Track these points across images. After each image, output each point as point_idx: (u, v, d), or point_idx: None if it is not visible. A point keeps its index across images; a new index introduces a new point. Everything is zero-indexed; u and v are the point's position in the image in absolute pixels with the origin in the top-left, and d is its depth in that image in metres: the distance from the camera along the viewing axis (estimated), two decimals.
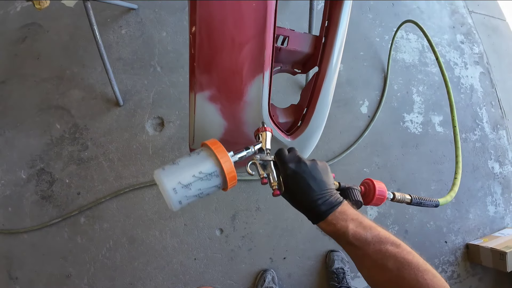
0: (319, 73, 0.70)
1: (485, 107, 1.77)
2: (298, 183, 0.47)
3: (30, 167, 1.47)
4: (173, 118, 1.37)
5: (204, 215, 1.29)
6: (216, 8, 0.54)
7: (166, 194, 0.43)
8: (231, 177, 0.46)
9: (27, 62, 1.65)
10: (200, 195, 0.46)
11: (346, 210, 0.47)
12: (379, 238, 0.45)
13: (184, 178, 0.44)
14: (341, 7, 0.66)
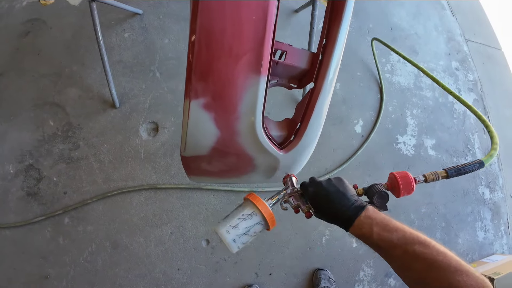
0: (314, 89, 0.69)
1: (477, 133, 1.79)
2: (320, 200, 0.55)
3: (19, 162, 1.42)
4: (168, 124, 1.35)
5: (191, 224, 1.25)
6: (217, 19, 0.54)
7: (223, 237, 0.56)
8: (269, 217, 0.57)
9: (27, 56, 1.63)
10: (248, 232, 0.57)
11: (371, 215, 0.50)
12: (405, 239, 0.46)
13: (232, 221, 0.57)
14: (339, 27, 0.66)
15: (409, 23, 1.93)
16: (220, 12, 0.54)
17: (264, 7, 0.56)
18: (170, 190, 1.27)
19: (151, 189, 1.28)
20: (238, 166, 0.77)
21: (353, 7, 0.68)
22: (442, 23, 2.09)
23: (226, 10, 0.54)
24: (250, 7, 0.55)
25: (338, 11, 0.67)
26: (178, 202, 1.27)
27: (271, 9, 0.56)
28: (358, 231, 0.50)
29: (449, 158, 1.67)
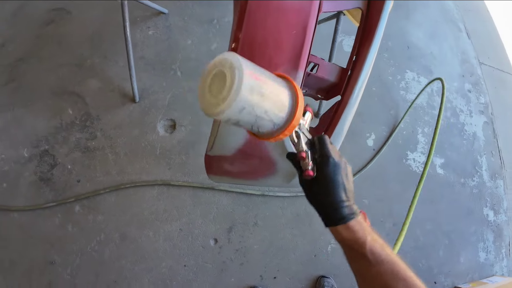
0: (341, 102, 0.73)
1: (485, 156, 1.82)
2: (333, 175, 0.44)
3: (34, 146, 1.46)
4: (186, 122, 1.39)
5: (201, 222, 1.28)
6: (261, 31, 0.58)
7: (239, 84, 0.33)
8: (292, 126, 0.40)
9: (49, 45, 1.68)
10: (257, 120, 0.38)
11: (364, 223, 0.45)
12: (392, 258, 0.44)
13: (265, 85, 0.36)
14: (370, 46, 0.70)
15: (426, 43, 1.98)
16: (264, 25, 0.58)
17: (305, 23, 0.60)
18: (182, 188, 1.31)
19: (164, 185, 1.32)
20: (259, 169, 0.81)
21: (383, 30, 0.72)
22: (457, 44, 2.14)
23: (269, 24, 0.58)
24: (291, 23, 0.59)
25: (370, 32, 0.71)
26: (189, 200, 1.30)
27: (310, 25, 0.61)
28: (352, 234, 0.44)
29: (456, 178, 1.70)
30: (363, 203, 1.44)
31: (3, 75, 1.63)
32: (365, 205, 1.44)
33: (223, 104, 0.33)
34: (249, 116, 0.36)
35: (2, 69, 1.65)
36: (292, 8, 0.57)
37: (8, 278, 1.28)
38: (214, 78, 0.36)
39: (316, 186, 0.45)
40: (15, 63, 1.66)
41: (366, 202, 1.45)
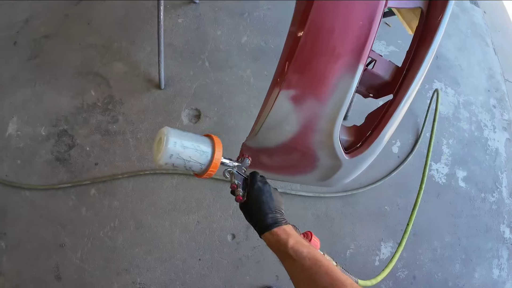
0: (393, 102, 0.71)
1: (506, 172, 1.79)
2: (258, 196, 0.60)
3: (53, 125, 1.44)
4: (211, 113, 1.37)
5: (220, 216, 1.26)
6: (328, 18, 0.56)
7: (166, 141, 0.53)
8: (214, 165, 0.58)
9: (77, 24, 1.67)
10: (186, 163, 0.56)
11: (291, 231, 0.56)
12: (314, 255, 0.51)
13: (186, 143, 0.55)
14: (429, 48, 0.68)
15: (454, 54, 1.96)
16: (332, 13, 0.56)
17: (372, 15, 0.58)
18: (203, 180, 1.28)
19: (185, 175, 1.29)
20: (299, 165, 0.78)
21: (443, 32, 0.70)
22: (484, 59, 2.12)
23: (338, 12, 0.56)
24: (360, 13, 0.57)
25: (429, 32, 0.69)
26: (209, 193, 1.28)
27: (377, 18, 0.59)
28: (275, 237, 0.55)
29: (477, 193, 1.67)
30: (385, 209, 1.41)
31: (26, 51, 1.62)
32: (386, 211, 1.41)
33: (159, 154, 0.54)
34: (179, 160, 0.55)
35: (25, 44, 1.64)
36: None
37: (13, 258, 1.25)
38: (158, 142, 0.57)
39: (247, 206, 0.61)
40: (40, 39, 1.65)
41: (387, 209, 1.42)
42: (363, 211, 1.38)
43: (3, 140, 1.43)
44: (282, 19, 1.61)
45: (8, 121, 1.47)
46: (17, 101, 1.50)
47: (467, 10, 2.30)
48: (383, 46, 1.80)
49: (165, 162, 0.55)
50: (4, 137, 1.44)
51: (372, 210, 1.38)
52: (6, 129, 1.46)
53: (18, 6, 1.81)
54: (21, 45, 1.66)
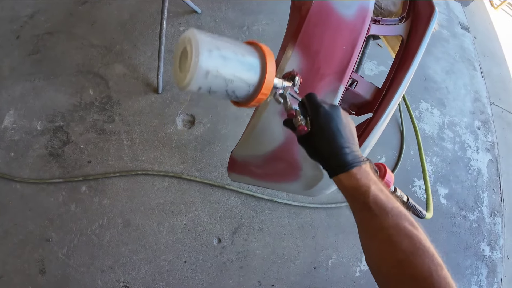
0: (372, 119, 0.77)
1: (487, 192, 1.87)
2: (328, 123, 0.45)
3: (49, 121, 1.47)
4: (205, 120, 1.43)
5: (207, 220, 1.30)
6: (315, 41, 0.62)
7: (197, 50, 0.35)
8: (267, 85, 0.42)
9: (81, 24, 1.72)
10: (228, 84, 0.39)
11: (370, 172, 0.45)
12: (399, 211, 0.42)
13: (225, 50, 0.38)
14: (407, 72, 0.76)
15: (442, 77, 2.07)
16: (321, 37, 0.62)
17: (355, 41, 0.65)
18: (193, 183, 1.33)
19: (176, 177, 1.33)
20: (284, 173, 0.84)
21: (420, 59, 0.77)
22: (471, 83, 2.23)
23: (324, 37, 0.63)
24: (343, 39, 0.64)
25: (408, 59, 0.76)
26: (198, 196, 1.32)
27: (359, 44, 0.66)
28: (354, 181, 0.43)
29: (458, 210, 1.75)
30: None
31: (28, 45, 1.66)
32: None
33: (188, 73, 0.36)
34: (218, 80, 0.38)
35: (28, 39, 1.68)
36: (348, 26, 0.62)
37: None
38: (181, 56, 0.39)
39: (313, 139, 0.46)
40: (43, 35, 1.70)
41: None
42: (346, 223, 1.43)
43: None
44: (279, 33, 1.69)
45: (5, 113, 1.50)
46: (16, 94, 1.53)
47: (458, 35, 2.43)
48: (374, 65, 1.89)
49: (198, 86, 0.38)
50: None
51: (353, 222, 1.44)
52: (2, 121, 1.48)
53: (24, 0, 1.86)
54: (24, 39, 1.70)
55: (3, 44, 1.68)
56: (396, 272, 0.40)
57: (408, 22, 0.78)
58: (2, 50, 1.66)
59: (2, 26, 1.75)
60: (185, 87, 0.38)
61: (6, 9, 1.81)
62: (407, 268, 0.39)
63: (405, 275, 0.39)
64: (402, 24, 0.78)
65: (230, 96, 0.42)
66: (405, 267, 0.39)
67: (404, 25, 0.78)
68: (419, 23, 0.77)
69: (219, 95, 0.42)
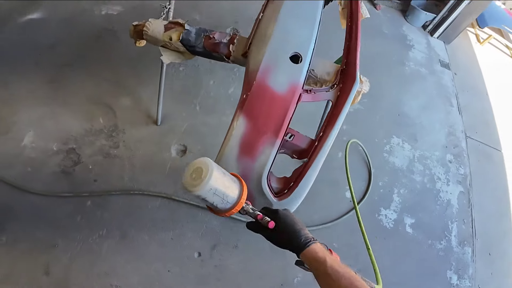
0: (307, 164, 1.04)
1: (456, 223, 2.05)
2: (287, 219, 0.66)
3: (63, 143, 1.78)
4: (195, 150, 1.73)
5: (190, 236, 1.57)
6: (258, 106, 0.92)
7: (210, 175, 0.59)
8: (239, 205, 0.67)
9: (96, 59, 2.07)
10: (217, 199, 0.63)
11: (323, 248, 0.63)
12: (350, 275, 0.56)
13: (225, 180, 0.63)
14: (332, 129, 1.03)
15: (417, 113, 2.33)
16: (261, 104, 0.92)
17: (287, 108, 0.93)
18: (182, 204, 1.61)
19: (167, 198, 1.62)
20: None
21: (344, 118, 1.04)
22: (447, 118, 2.48)
23: (264, 104, 0.92)
24: (278, 106, 0.93)
25: (335, 117, 1.04)
26: (185, 215, 1.60)
27: (290, 110, 0.94)
28: (314, 254, 0.60)
29: (424, 239, 1.92)
30: (333, 246, 1.71)
31: (48, 74, 2.00)
32: (334, 247, 1.70)
33: (199, 186, 0.60)
34: (213, 197, 0.62)
35: (48, 68, 2.02)
36: (280, 98, 0.91)
37: (9, 251, 1.48)
38: (195, 170, 0.63)
39: (278, 232, 0.67)
40: (62, 66, 2.04)
41: (335, 245, 1.72)
42: None
43: (18, 148, 1.76)
44: None
45: (25, 133, 1.81)
46: (35, 117, 1.84)
47: (436, 72, 2.71)
48: None
49: (199, 194, 0.59)
50: (19, 146, 1.76)
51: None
52: (23, 139, 1.79)
53: (46, 29, 2.21)
54: (43, 67, 2.03)
55: (25, 70, 1.99)
56: None
57: (337, 88, 1.07)
58: (23, 75, 1.98)
59: (25, 52, 2.09)
60: (191, 191, 0.60)
61: (29, 37, 2.14)
62: None
63: None
64: (332, 91, 1.06)
65: (213, 205, 0.65)
66: None
67: (333, 91, 1.06)
68: (345, 89, 1.05)
69: (208, 203, 0.65)
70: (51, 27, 2.21)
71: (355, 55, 1.09)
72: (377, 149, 2.06)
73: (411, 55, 2.73)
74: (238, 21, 2.38)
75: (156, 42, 1.20)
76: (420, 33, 3.02)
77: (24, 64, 2.00)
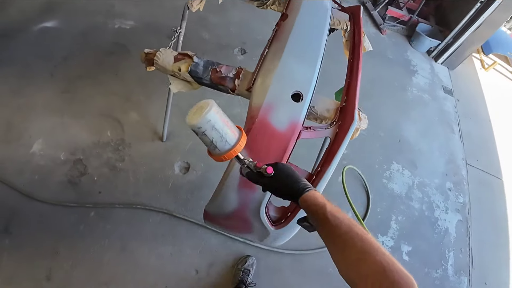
0: None
1: (453, 251, 2.10)
2: (285, 169, 0.69)
3: (71, 153, 1.89)
4: (198, 168, 1.82)
5: (189, 253, 1.65)
6: (260, 140, 1.00)
7: (210, 109, 0.64)
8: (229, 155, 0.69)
9: (107, 73, 2.19)
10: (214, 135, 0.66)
11: (322, 196, 0.62)
12: (350, 221, 0.55)
13: (224, 117, 0.68)
14: (330, 165, 1.11)
15: (417, 139, 2.41)
16: (262, 138, 1.00)
17: (286, 144, 1.02)
18: (182, 220, 1.70)
19: (168, 214, 1.71)
20: (241, 227, 1.19)
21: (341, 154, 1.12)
22: (447, 145, 2.55)
23: (265, 139, 1.01)
24: (278, 142, 1.01)
25: (332, 154, 1.12)
26: (185, 232, 1.68)
27: (290, 146, 1.03)
28: (313, 199, 0.60)
29: (421, 267, 1.97)
30: (329, 271, 1.78)
31: (61, 85, 2.12)
32: (330, 273, 1.77)
33: (199, 117, 0.65)
34: (212, 131, 0.66)
35: (61, 79, 2.14)
36: (280, 135, 1.00)
37: (13, 254, 1.56)
38: (198, 108, 0.69)
39: (278, 179, 0.68)
40: (74, 78, 2.16)
41: (331, 270, 1.79)
42: (310, 269, 1.74)
43: (27, 156, 1.86)
44: None
45: (35, 140, 1.92)
46: (46, 126, 1.95)
47: (439, 99, 2.79)
48: None
49: (199, 126, 0.64)
50: (28, 153, 1.87)
51: (318, 270, 1.75)
52: (32, 146, 1.90)
53: (60, 41, 2.35)
54: (57, 78, 2.16)
55: (38, 79, 2.12)
56: (356, 270, 0.51)
57: (336, 126, 1.15)
58: (36, 84, 2.11)
59: (38, 62, 2.21)
60: (193, 124, 0.66)
61: (44, 47, 2.28)
62: (363, 266, 0.49)
63: (363, 272, 0.49)
64: (331, 128, 1.14)
65: (212, 144, 0.68)
66: (361, 265, 0.50)
67: (332, 129, 1.14)
68: (344, 128, 1.14)
69: (206, 140, 0.68)
70: (65, 39, 2.34)
71: (354, 93, 1.18)
72: (377, 174, 2.13)
73: (414, 80, 2.82)
74: (245, 41, 2.50)
75: (165, 71, 1.30)
76: (425, 58, 3.12)
77: (39, 75, 2.13)
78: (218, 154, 0.70)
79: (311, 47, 1.22)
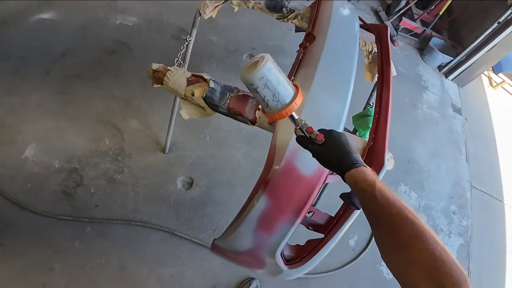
0: (323, 239, 1.10)
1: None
2: (339, 136, 0.64)
3: (67, 161, 1.81)
4: (202, 184, 1.77)
5: (191, 275, 1.61)
6: (283, 187, 0.97)
7: (265, 63, 0.60)
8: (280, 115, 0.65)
9: (107, 74, 2.10)
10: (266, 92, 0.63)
11: (374, 174, 0.58)
12: (400, 203, 0.51)
13: (279, 74, 0.63)
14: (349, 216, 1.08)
15: (426, 160, 2.41)
16: (286, 185, 0.97)
17: (311, 190, 0.99)
18: (184, 240, 1.65)
19: (169, 232, 1.66)
20: (253, 264, 1.17)
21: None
22: (454, 166, 2.56)
23: (289, 185, 0.97)
24: (303, 188, 0.98)
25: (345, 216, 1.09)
26: (187, 252, 1.64)
27: (315, 192, 1.00)
28: (362, 176, 0.56)
29: None
30: None
31: (56, 83, 2.02)
32: None
33: (253, 71, 0.62)
34: (264, 89, 0.62)
35: (58, 77, 2.04)
36: (306, 181, 0.96)
37: (5, 267, 1.50)
38: (254, 63, 0.64)
39: (328, 148, 0.63)
40: (71, 77, 2.06)
41: None
42: None
43: (19, 161, 1.78)
44: None
45: (27, 145, 1.83)
46: (40, 129, 1.87)
47: (448, 117, 2.79)
48: None
49: (252, 82, 0.61)
50: (20, 158, 1.79)
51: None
52: (24, 151, 1.81)
53: (57, 35, 2.24)
54: (53, 76, 2.06)
55: (33, 76, 2.01)
56: (402, 256, 0.47)
57: None
58: (32, 82, 2.01)
59: (34, 58, 2.10)
60: (245, 77, 0.63)
61: (41, 40, 2.16)
62: (410, 252, 0.45)
63: (409, 260, 0.45)
64: None
65: (264, 102, 0.65)
66: (409, 252, 0.45)
67: None
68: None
69: (258, 97, 0.65)
70: (63, 33, 2.23)
71: (384, 133, 1.10)
72: None
73: (424, 97, 2.81)
74: (255, 47, 2.43)
75: (177, 93, 1.22)
76: (435, 73, 3.11)
77: (35, 72, 2.02)
78: (270, 112, 0.67)
79: (342, 78, 1.15)
